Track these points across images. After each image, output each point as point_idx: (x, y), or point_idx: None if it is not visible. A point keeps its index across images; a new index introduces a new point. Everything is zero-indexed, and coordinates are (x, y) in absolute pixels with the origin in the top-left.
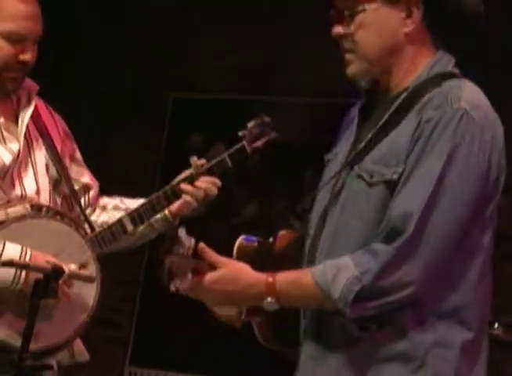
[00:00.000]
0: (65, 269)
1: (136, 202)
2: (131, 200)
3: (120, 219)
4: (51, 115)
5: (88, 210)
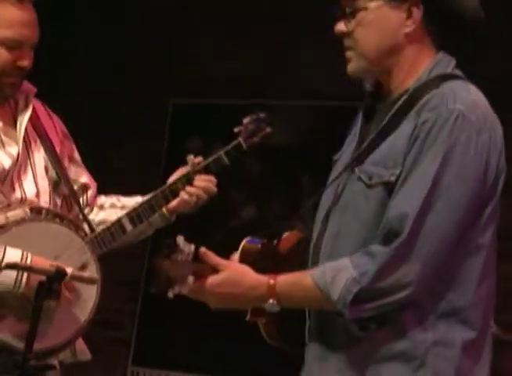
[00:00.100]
0: (67, 271)
1: (133, 200)
2: (127, 198)
3: (119, 220)
4: (49, 116)
5: (87, 209)
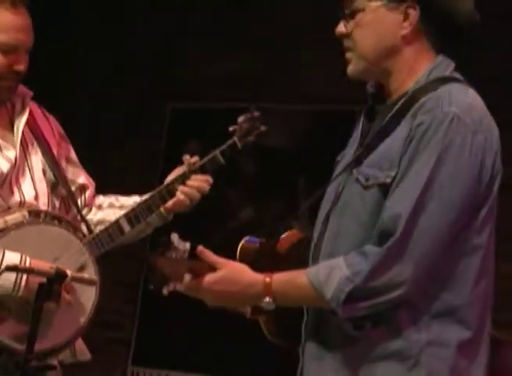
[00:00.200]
0: (67, 272)
1: (131, 199)
2: (125, 198)
3: (117, 221)
4: (45, 118)
5: (85, 209)
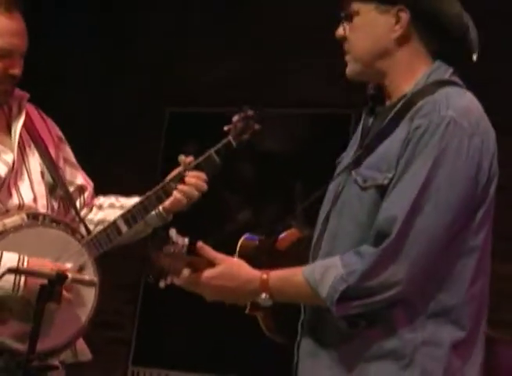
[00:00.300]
0: (68, 274)
1: (131, 200)
2: (126, 199)
3: (114, 222)
4: (43, 120)
5: (85, 210)
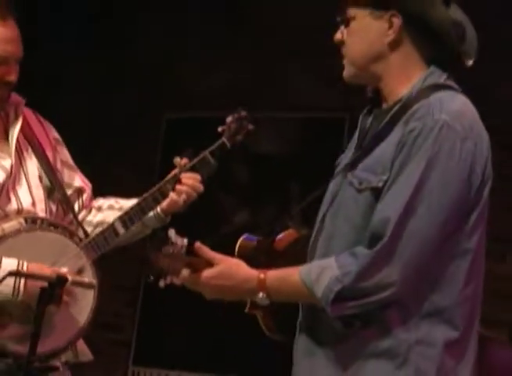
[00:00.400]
0: (68, 277)
1: (130, 202)
2: (125, 200)
3: (112, 224)
4: (40, 123)
5: (84, 212)
